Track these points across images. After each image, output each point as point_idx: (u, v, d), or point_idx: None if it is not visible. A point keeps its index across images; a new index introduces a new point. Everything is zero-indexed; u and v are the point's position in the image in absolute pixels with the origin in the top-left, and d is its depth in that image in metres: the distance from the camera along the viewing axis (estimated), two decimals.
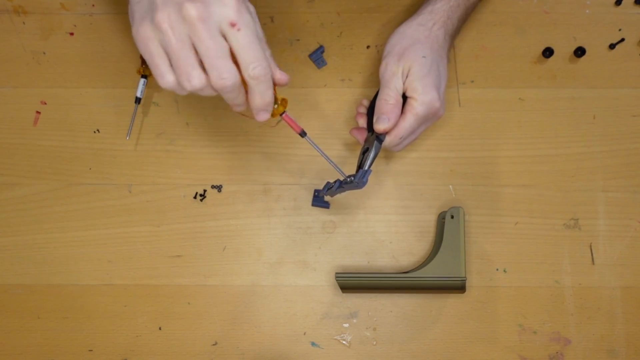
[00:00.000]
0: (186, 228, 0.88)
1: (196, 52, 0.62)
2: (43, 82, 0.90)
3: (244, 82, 0.65)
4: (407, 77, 0.79)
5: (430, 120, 0.81)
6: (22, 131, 0.90)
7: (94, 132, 0.90)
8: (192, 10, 0.61)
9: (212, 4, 0.61)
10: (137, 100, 0.88)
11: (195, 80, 0.63)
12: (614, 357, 0.85)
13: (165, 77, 0.63)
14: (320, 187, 0.88)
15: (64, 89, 0.90)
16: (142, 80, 0.88)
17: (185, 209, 0.88)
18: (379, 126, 0.79)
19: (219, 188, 0.89)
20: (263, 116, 0.68)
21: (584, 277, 0.86)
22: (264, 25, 0.91)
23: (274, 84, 0.68)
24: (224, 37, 0.62)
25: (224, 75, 0.63)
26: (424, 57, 0.79)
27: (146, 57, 0.63)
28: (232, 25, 0.62)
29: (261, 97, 0.66)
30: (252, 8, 0.66)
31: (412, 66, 0.79)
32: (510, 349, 0.85)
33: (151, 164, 0.89)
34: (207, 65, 0.62)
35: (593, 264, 0.86)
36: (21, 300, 0.87)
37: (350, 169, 0.83)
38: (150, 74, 0.88)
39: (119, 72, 0.91)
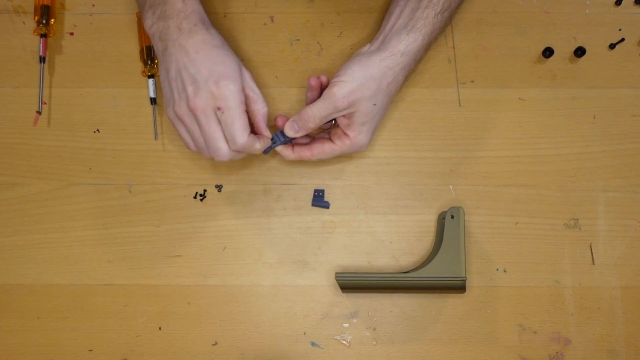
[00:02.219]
0: (186, 228, 0.88)
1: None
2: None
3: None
4: (351, 114, 0.80)
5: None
6: (22, 131, 0.90)
7: (94, 132, 0.90)
8: (195, 103, 0.77)
9: (208, 96, 0.76)
10: (153, 101, 0.89)
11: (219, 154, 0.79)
12: (614, 357, 0.85)
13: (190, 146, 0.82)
14: (320, 187, 0.88)
15: (64, 89, 0.90)
16: (150, 81, 0.88)
17: (185, 209, 0.88)
18: (289, 131, 0.82)
19: (219, 188, 0.89)
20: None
21: (584, 277, 0.86)
22: (263, 25, 0.91)
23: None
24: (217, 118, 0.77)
25: (220, 153, 0.78)
26: (375, 104, 0.80)
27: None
28: (218, 108, 0.77)
29: (252, 151, 0.80)
30: (246, 73, 0.80)
31: (359, 109, 0.80)
32: (510, 349, 0.85)
33: (151, 164, 0.89)
34: (207, 145, 0.79)
35: (593, 264, 0.86)
36: (21, 300, 0.87)
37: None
38: (156, 73, 0.89)
39: (119, 72, 0.91)
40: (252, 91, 0.80)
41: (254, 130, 0.81)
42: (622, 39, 0.90)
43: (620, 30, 0.90)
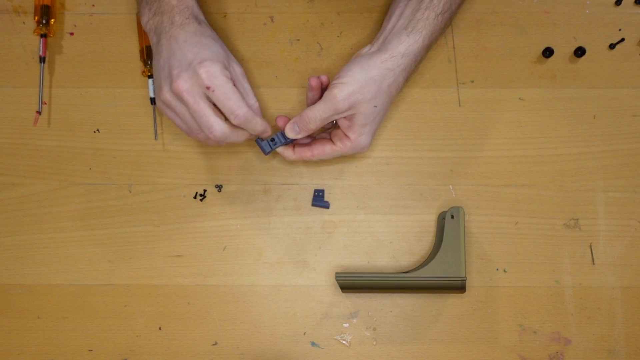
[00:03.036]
0: (186, 228, 0.88)
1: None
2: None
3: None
4: (351, 115, 0.80)
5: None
6: (22, 131, 0.90)
7: (94, 132, 0.90)
8: (177, 85, 0.77)
9: (192, 77, 0.77)
10: (153, 101, 0.89)
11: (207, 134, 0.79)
12: (614, 357, 0.85)
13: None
14: (320, 187, 0.88)
15: (64, 89, 0.90)
16: (150, 81, 0.88)
17: (185, 209, 0.88)
18: (290, 132, 0.82)
19: (219, 188, 0.89)
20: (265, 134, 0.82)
21: (584, 277, 0.86)
22: (263, 25, 0.91)
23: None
24: (208, 98, 0.77)
25: (213, 130, 0.78)
26: (375, 106, 0.80)
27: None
28: (207, 88, 0.77)
29: (253, 129, 0.80)
30: (238, 68, 0.81)
31: (360, 111, 0.80)
32: (510, 349, 0.85)
33: (151, 164, 0.89)
34: (199, 124, 0.78)
35: (593, 264, 0.86)
36: (21, 300, 0.87)
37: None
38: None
39: (119, 72, 0.91)
40: (241, 86, 0.81)
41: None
42: (622, 39, 0.90)
43: (620, 30, 0.90)
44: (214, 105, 0.78)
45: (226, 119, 0.79)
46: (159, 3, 0.81)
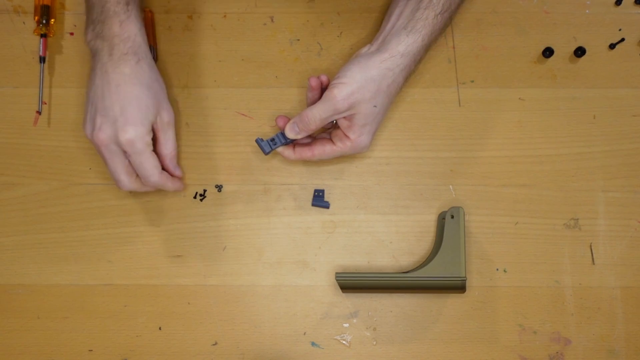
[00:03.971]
0: (186, 228, 0.88)
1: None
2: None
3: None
4: (351, 115, 0.81)
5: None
6: (22, 131, 0.90)
7: None
8: (97, 137, 0.79)
9: (112, 135, 0.79)
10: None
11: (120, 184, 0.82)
12: (614, 357, 0.85)
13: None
14: (320, 187, 0.88)
15: (64, 89, 0.90)
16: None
17: (185, 209, 0.88)
18: (290, 132, 0.82)
19: (219, 188, 0.89)
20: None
21: (584, 277, 0.86)
22: (263, 25, 0.91)
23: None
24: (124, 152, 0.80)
25: (121, 185, 0.81)
26: (375, 106, 0.80)
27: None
28: (125, 152, 0.79)
29: (165, 189, 0.84)
30: (167, 116, 0.82)
31: (360, 111, 0.80)
32: (510, 349, 0.85)
33: None
34: (111, 175, 0.82)
35: (593, 264, 0.86)
36: (21, 300, 0.87)
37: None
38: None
39: None
40: (164, 134, 0.82)
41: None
42: (622, 39, 0.90)
43: (620, 30, 0.90)
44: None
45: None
46: (101, 26, 0.80)
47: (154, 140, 0.82)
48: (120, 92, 0.79)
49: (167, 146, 0.83)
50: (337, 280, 0.83)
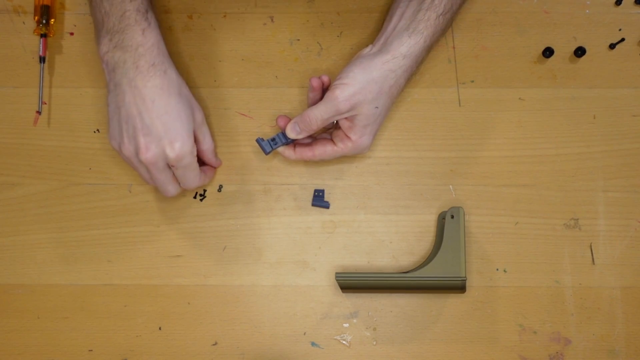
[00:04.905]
0: (186, 228, 0.88)
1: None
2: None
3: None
4: (353, 116, 0.81)
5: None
6: (22, 131, 0.90)
7: (94, 132, 0.90)
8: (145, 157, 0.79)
9: (160, 153, 0.79)
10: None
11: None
12: (614, 357, 0.85)
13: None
14: (320, 187, 0.88)
15: (64, 89, 0.90)
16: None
17: (185, 209, 0.88)
18: (291, 133, 0.83)
19: (219, 188, 0.89)
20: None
21: (584, 277, 0.86)
22: (263, 25, 0.91)
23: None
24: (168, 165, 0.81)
25: (168, 194, 0.83)
26: (376, 107, 0.80)
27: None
28: (172, 166, 0.80)
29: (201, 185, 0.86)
30: (199, 115, 0.82)
31: (361, 112, 0.80)
32: (510, 349, 0.85)
33: None
34: (156, 184, 0.83)
35: (593, 264, 0.86)
36: (21, 300, 0.87)
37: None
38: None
39: None
40: (201, 132, 0.83)
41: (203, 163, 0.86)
42: (622, 39, 0.90)
43: (620, 30, 0.90)
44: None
45: None
46: (121, 36, 0.78)
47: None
48: (158, 108, 0.78)
49: (206, 142, 0.84)
50: (337, 280, 0.83)
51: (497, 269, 0.86)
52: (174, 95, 0.79)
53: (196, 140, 0.82)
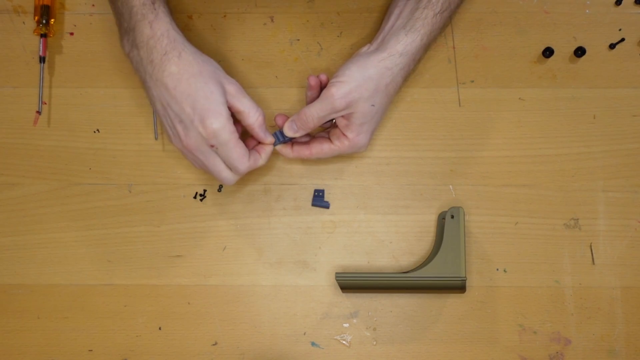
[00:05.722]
0: (186, 228, 0.88)
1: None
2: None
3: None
4: (349, 114, 0.80)
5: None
6: (22, 131, 0.90)
7: (94, 132, 0.90)
8: (188, 144, 0.78)
9: (198, 136, 0.77)
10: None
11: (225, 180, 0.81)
12: (614, 357, 0.85)
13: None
14: (320, 187, 0.88)
15: (64, 89, 0.90)
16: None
17: (185, 209, 0.88)
18: (288, 131, 0.82)
19: (219, 188, 0.89)
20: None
21: (584, 277, 0.86)
22: (263, 25, 0.91)
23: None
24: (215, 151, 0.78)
25: (226, 181, 0.80)
26: (373, 105, 0.80)
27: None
28: (212, 146, 0.77)
29: (260, 166, 0.82)
30: (232, 87, 0.79)
31: (358, 110, 0.80)
32: (510, 349, 0.85)
33: (151, 164, 0.89)
34: (212, 172, 0.80)
35: (593, 264, 0.86)
36: (21, 300, 0.87)
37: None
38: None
39: (119, 72, 0.91)
40: (241, 104, 0.79)
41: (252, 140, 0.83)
42: (622, 39, 0.90)
43: (620, 30, 0.90)
44: None
45: None
46: (133, 34, 0.78)
47: (236, 117, 0.80)
48: (181, 93, 0.77)
49: (251, 115, 0.79)
50: (337, 280, 0.83)
51: (497, 269, 0.86)
52: (194, 76, 0.77)
53: (239, 114, 0.80)
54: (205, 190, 0.89)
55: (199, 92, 0.77)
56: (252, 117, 0.80)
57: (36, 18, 0.90)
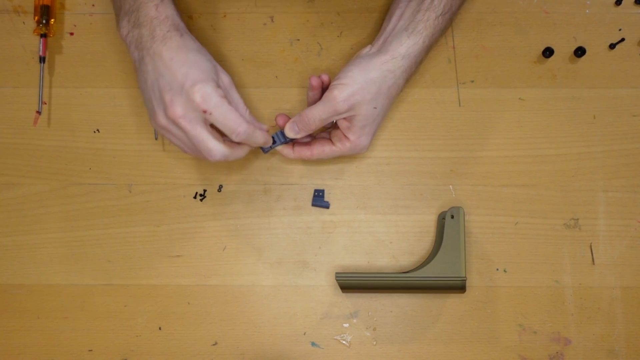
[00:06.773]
0: (186, 228, 0.88)
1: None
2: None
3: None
4: (351, 117, 0.80)
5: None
6: (22, 131, 0.90)
7: (94, 132, 0.90)
8: (173, 112, 0.75)
9: (186, 102, 0.75)
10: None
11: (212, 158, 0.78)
12: (614, 357, 0.85)
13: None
14: (320, 187, 0.88)
15: (64, 89, 0.90)
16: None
17: (185, 209, 0.88)
18: (289, 132, 0.82)
19: (219, 188, 0.89)
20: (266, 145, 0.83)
21: (584, 277, 0.86)
22: (263, 25, 0.91)
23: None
24: (204, 120, 0.76)
25: (212, 154, 0.77)
26: (375, 108, 0.80)
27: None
28: (204, 112, 0.75)
29: (255, 143, 0.79)
30: (226, 78, 0.79)
31: (360, 112, 0.80)
32: (510, 349, 0.85)
33: (151, 164, 0.89)
34: (198, 149, 0.77)
35: (593, 264, 0.86)
36: (21, 300, 0.87)
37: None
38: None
39: (119, 72, 0.91)
40: (231, 98, 0.79)
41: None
42: (622, 39, 0.90)
43: (620, 30, 0.90)
44: (211, 126, 0.77)
45: (224, 139, 0.78)
46: (137, 14, 0.79)
47: None
48: (177, 62, 0.76)
49: (239, 107, 0.80)
50: (337, 280, 0.83)
51: (497, 269, 0.86)
52: (193, 51, 0.78)
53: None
54: (205, 190, 0.89)
55: (194, 64, 0.76)
56: (240, 110, 0.80)
57: (36, 18, 0.90)
